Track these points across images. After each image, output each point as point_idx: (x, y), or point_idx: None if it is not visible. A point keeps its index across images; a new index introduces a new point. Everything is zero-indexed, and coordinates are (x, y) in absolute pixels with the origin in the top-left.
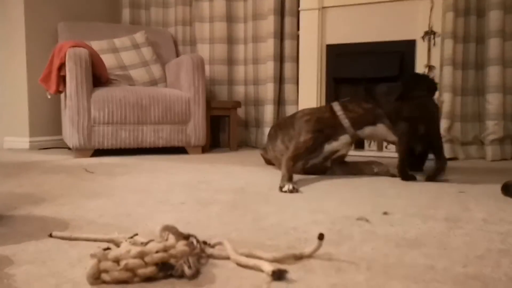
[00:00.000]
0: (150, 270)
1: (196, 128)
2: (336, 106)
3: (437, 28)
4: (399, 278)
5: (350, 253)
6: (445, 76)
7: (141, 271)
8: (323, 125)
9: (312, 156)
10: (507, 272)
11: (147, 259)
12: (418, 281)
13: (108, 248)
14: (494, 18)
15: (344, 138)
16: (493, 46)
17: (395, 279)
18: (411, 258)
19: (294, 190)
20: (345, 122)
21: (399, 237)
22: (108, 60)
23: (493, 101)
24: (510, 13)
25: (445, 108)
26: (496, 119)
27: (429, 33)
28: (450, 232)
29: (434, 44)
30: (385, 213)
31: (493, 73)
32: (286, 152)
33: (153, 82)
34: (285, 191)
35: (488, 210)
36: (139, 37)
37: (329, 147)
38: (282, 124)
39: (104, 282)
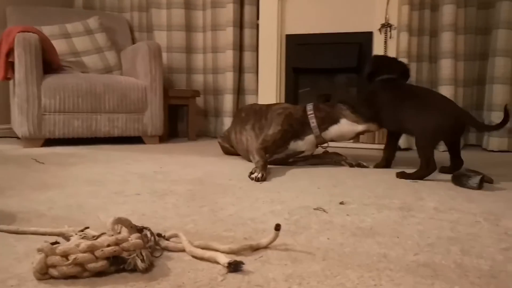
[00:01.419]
0: (101, 264)
1: (153, 117)
2: (309, 106)
3: (393, 21)
4: (354, 267)
5: (306, 243)
6: None
7: (91, 266)
8: (292, 121)
9: (278, 151)
10: (455, 259)
11: (97, 253)
12: (372, 269)
13: (56, 242)
14: (447, 12)
15: (310, 139)
16: (446, 39)
17: (350, 268)
18: (366, 247)
19: (261, 179)
20: (313, 121)
21: (355, 226)
22: (59, 46)
23: (445, 93)
24: (462, 7)
25: None
26: None
27: (386, 26)
28: (404, 221)
29: (390, 37)
30: (342, 203)
31: (445, 66)
32: (253, 140)
33: (108, 70)
34: (252, 179)
35: (440, 199)
36: (93, 22)
37: (294, 145)
38: (257, 110)
39: (52, 277)
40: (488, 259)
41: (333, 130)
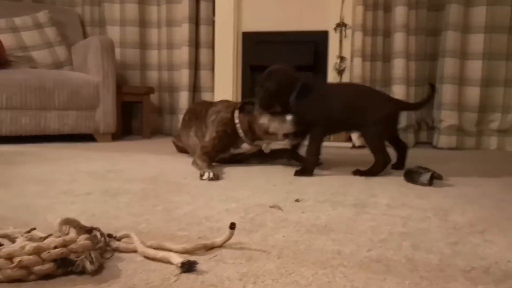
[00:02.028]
0: (47, 267)
1: (105, 114)
2: (236, 113)
3: (348, 20)
4: (308, 264)
5: (261, 241)
6: (355, 67)
7: (38, 269)
8: (226, 126)
9: (220, 155)
10: (406, 254)
11: (44, 255)
12: (326, 266)
13: (0, 244)
14: (399, 13)
15: (246, 146)
16: (398, 40)
17: (304, 266)
18: (320, 244)
19: (214, 178)
20: (240, 132)
21: (310, 223)
22: (7, 40)
23: (397, 92)
24: (414, 9)
25: None
26: None
27: (341, 25)
28: (357, 217)
29: (345, 36)
30: (297, 200)
31: (397, 66)
32: (198, 146)
33: (58, 65)
34: (205, 179)
35: (392, 196)
36: (42, 16)
37: (234, 150)
38: (199, 113)
39: None
40: (437, 253)
41: (261, 136)
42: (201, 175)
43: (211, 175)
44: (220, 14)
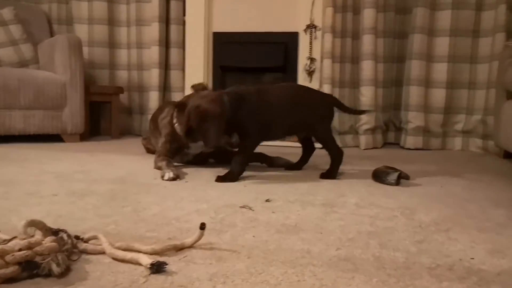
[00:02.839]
0: (11, 270)
1: (73, 114)
2: (174, 114)
3: (318, 22)
4: (278, 264)
5: (231, 242)
6: (324, 69)
7: (1, 272)
8: (173, 129)
9: (180, 157)
10: (374, 253)
11: (8, 258)
12: (296, 265)
13: None
14: (367, 15)
15: (195, 146)
16: (367, 42)
17: (274, 265)
18: (290, 243)
19: (176, 178)
20: (179, 131)
21: (280, 223)
22: None
23: (366, 93)
24: (382, 11)
25: None
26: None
27: (311, 27)
28: (327, 217)
29: (315, 38)
30: (267, 200)
31: (366, 67)
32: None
33: (23, 63)
34: (167, 179)
35: (360, 196)
36: (7, 13)
37: (189, 151)
38: (155, 119)
39: None
40: (404, 251)
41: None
42: (162, 176)
43: (171, 174)
44: (191, 14)
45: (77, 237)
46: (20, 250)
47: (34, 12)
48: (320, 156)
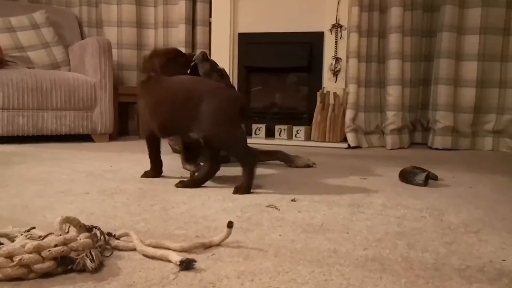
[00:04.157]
0: (47, 265)
1: (102, 115)
2: None
3: (343, 21)
4: (305, 263)
5: (258, 240)
6: (350, 68)
7: (38, 267)
8: None
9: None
10: (402, 253)
11: (44, 253)
12: (323, 265)
13: (0, 243)
14: (394, 14)
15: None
16: (393, 41)
17: (301, 264)
18: (317, 243)
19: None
20: None
21: (306, 223)
22: (3, 40)
23: (392, 93)
24: (409, 10)
25: (350, 99)
26: (395, 110)
27: (336, 26)
28: (353, 217)
29: (340, 37)
30: (293, 200)
31: (393, 67)
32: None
33: (55, 65)
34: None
35: (387, 196)
36: (39, 16)
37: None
38: None
39: None
40: (433, 252)
41: None
42: (190, 176)
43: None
44: (217, 15)
45: (109, 234)
46: (56, 246)
47: (65, 15)
48: (343, 156)
